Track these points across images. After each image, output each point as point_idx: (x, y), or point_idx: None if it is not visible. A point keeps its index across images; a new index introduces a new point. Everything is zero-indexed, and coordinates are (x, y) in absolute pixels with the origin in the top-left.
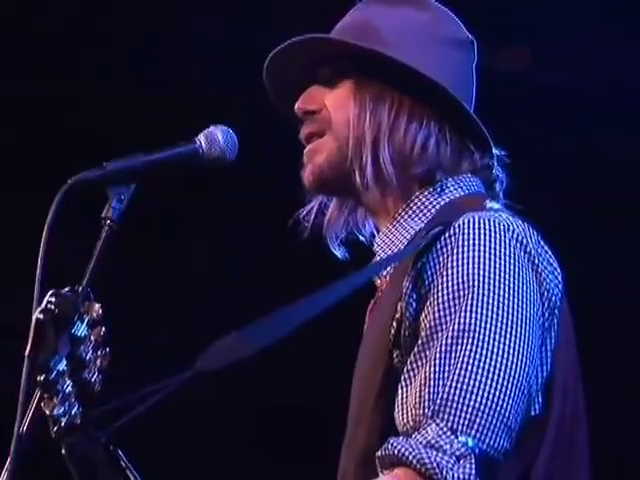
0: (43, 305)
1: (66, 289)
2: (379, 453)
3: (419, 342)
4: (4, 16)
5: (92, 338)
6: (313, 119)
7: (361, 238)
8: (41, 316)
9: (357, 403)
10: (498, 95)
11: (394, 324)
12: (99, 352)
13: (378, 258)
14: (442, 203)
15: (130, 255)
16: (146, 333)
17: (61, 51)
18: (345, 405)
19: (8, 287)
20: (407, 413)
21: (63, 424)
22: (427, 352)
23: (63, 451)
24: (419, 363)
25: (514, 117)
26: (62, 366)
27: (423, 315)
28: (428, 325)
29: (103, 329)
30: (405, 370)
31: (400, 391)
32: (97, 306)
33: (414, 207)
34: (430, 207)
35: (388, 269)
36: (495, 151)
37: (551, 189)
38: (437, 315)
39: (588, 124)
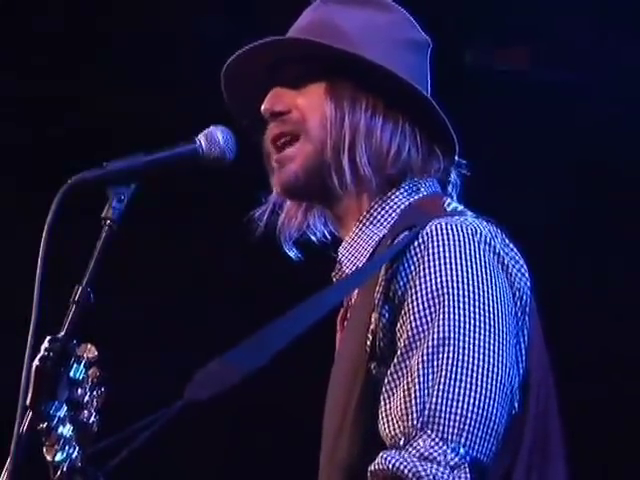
0: (40, 353)
1: (62, 333)
2: (372, 468)
3: (398, 353)
4: (4, 15)
5: (89, 380)
6: (282, 120)
7: (313, 238)
8: (39, 364)
9: (336, 415)
10: (498, 95)
11: (369, 336)
12: (95, 392)
13: (344, 267)
14: (402, 207)
15: (130, 255)
16: (146, 333)
17: (61, 51)
18: (320, 411)
19: (8, 287)
20: (394, 425)
21: (65, 469)
22: (407, 362)
23: None
24: (400, 374)
25: (514, 117)
26: (62, 412)
27: (399, 325)
28: (406, 336)
29: (98, 369)
30: (386, 382)
31: (383, 403)
32: (92, 347)
33: (377, 211)
34: (391, 211)
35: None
36: (456, 157)
37: (551, 189)
38: (414, 325)
39: (588, 123)
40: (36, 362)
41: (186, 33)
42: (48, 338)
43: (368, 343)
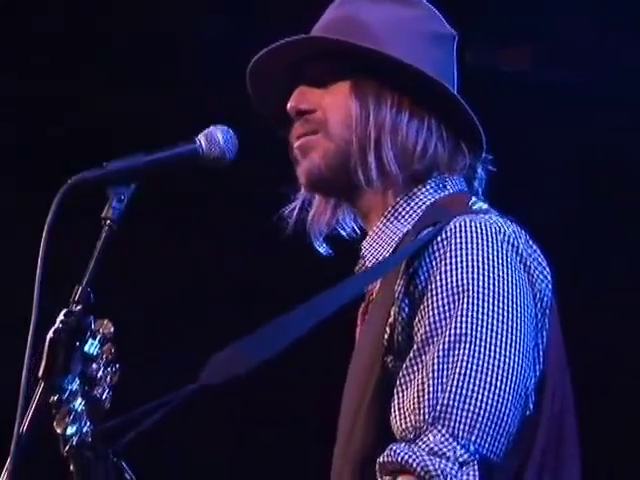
0: (55, 325)
1: (78, 307)
2: (380, 459)
3: (414, 347)
4: (4, 15)
5: (103, 355)
6: (307, 119)
7: (343, 234)
8: (53, 336)
9: (351, 408)
10: (499, 95)
11: (387, 329)
12: (109, 369)
13: (367, 261)
14: (427, 203)
15: (130, 255)
16: (146, 333)
17: (61, 51)
18: (337, 406)
19: (8, 287)
20: (405, 418)
21: (74, 443)
22: (423, 357)
23: (72, 468)
24: (415, 368)
25: (514, 117)
26: (74, 385)
27: (417, 320)
28: (423, 330)
29: (113, 346)
30: (401, 375)
31: (396, 396)
32: (109, 323)
33: (402, 207)
34: (416, 207)
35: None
36: (483, 154)
37: (552, 189)
38: (432, 320)
39: (588, 123)
40: (50, 334)
41: (186, 33)
42: (64, 311)
43: (386, 337)
